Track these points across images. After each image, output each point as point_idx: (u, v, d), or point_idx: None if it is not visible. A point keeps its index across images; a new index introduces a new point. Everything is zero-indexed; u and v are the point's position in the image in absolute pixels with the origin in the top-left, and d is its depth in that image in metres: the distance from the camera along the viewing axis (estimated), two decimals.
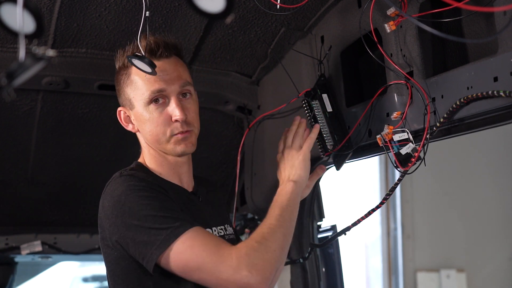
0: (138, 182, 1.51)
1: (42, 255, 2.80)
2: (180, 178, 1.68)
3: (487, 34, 1.51)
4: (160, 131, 1.59)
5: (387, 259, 5.02)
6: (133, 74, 1.60)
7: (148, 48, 1.56)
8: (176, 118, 1.57)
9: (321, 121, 1.90)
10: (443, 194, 4.97)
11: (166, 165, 1.65)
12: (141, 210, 1.45)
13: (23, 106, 2.32)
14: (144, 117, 1.59)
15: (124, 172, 1.57)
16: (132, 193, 1.48)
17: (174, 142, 1.60)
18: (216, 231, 1.66)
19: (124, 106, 1.66)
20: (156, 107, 1.58)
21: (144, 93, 1.58)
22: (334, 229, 2.26)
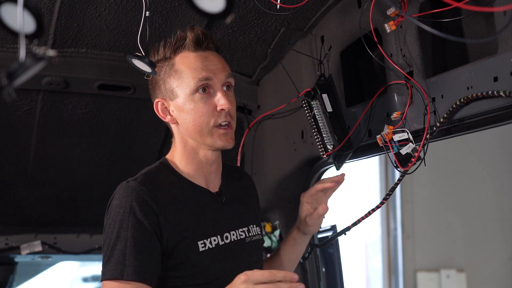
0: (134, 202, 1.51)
1: (42, 255, 2.79)
2: (206, 178, 1.68)
3: (487, 34, 1.51)
4: (204, 121, 1.59)
5: (387, 259, 5.02)
6: (178, 64, 1.61)
7: (195, 38, 1.60)
8: (223, 107, 1.59)
9: (321, 121, 1.90)
10: (443, 194, 4.97)
11: (195, 163, 1.65)
12: (112, 233, 1.51)
13: (23, 106, 2.32)
14: (188, 107, 1.60)
15: (132, 183, 1.56)
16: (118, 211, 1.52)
17: (215, 135, 1.61)
18: (235, 235, 1.66)
19: (162, 98, 1.65)
20: (201, 96, 1.59)
21: (190, 82, 1.59)
22: (334, 229, 2.26)
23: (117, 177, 2.74)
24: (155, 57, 1.66)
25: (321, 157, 1.95)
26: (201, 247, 1.57)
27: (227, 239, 1.64)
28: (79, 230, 2.84)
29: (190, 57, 1.61)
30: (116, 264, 1.48)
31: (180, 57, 1.61)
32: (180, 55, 1.62)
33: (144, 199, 1.52)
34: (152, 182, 1.58)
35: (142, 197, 1.52)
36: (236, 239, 1.65)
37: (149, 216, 1.51)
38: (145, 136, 2.60)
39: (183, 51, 1.62)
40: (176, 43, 1.62)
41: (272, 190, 2.38)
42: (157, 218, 1.52)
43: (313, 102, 1.91)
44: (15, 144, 2.48)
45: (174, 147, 1.69)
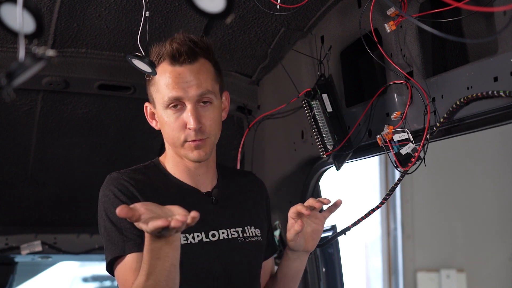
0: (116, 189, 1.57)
1: (42, 255, 2.79)
2: (196, 180, 1.68)
3: (487, 34, 1.51)
4: (175, 136, 1.61)
5: (387, 259, 5.02)
6: (157, 77, 1.60)
7: (170, 53, 1.57)
8: (189, 127, 1.59)
9: (321, 121, 1.90)
10: (443, 194, 4.97)
11: (182, 166, 1.67)
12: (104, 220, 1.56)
13: (23, 106, 2.32)
14: (163, 119, 1.63)
15: (114, 174, 1.62)
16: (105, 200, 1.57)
17: (187, 148, 1.62)
18: (225, 233, 1.64)
19: (150, 103, 1.69)
20: (173, 112, 1.60)
21: (163, 97, 1.60)
22: (334, 229, 2.26)
23: None
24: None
25: (321, 157, 1.95)
26: (182, 240, 1.56)
27: (214, 236, 1.62)
28: (79, 230, 2.83)
29: (167, 71, 1.59)
30: (115, 244, 1.52)
31: (161, 68, 1.60)
32: (161, 66, 1.60)
33: (125, 185, 1.58)
34: (135, 174, 1.63)
35: (123, 184, 1.58)
36: (226, 237, 1.63)
37: (130, 198, 1.55)
38: (145, 136, 2.60)
39: (163, 62, 1.61)
40: (158, 53, 1.61)
41: (272, 190, 2.38)
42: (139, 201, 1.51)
43: (313, 102, 1.91)
44: (15, 144, 2.48)
45: (166, 150, 1.72)
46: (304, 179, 2.25)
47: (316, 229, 1.70)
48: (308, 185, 2.27)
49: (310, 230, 1.69)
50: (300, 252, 1.73)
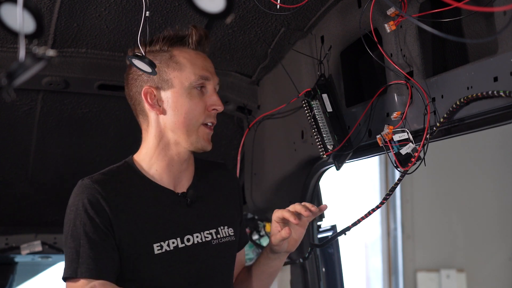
0: (86, 200, 1.52)
1: (42, 255, 2.79)
2: (175, 177, 1.65)
3: (487, 34, 1.51)
4: (195, 117, 1.60)
5: (387, 259, 5.02)
6: (179, 57, 1.61)
7: (199, 38, 1.63)
8: (216, 107, 1.62)
9: (321, 121, 1.90)
10: (443, 194, 4.97)
11: (165, 160, 1.63)
12: (67, 232, 1.54)
13: (23, 106, 2.32)
14: (183, 100, 1.60)
15: (86, 181, 1.56)
16: (73, 210, 1.54)
17: (201, 133, 1.62)
18: (199, 237, 1.62)
19: (153, 86, 1.62)
20: (198, 93, 1.61)
21: (190, 76, 1.60)
22: (334, 229, 2.26)
23: None
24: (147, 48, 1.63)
25: (321, 157, 1.95)
26: (156, 250, 1.54)
27: (189, 241, 1.60)
28: None
29: (190, 53, 1.63)
30: (70, 262, 1.49)
31: (180, 51, 1.62)
32: (179, 49, 1.62)
33: (96, 196, 1.52)
34: (107, 181, 1.57)
35: (94, 195, 1.52)
36: (200, 241, 1.62)
37: (100, 214, 1.51)
38: None
39: (182, 47, 1.63)
40: (176, 37, 1.63)
41: (272, 190, 2.38)
42: (108, 217, 1.51)
43: (313, 102, 1.91)
44: (15, 144, 2.48)
45: (146, 141, 1.66)
46: (304, 179, 2.25)
47: (300, 232, 1.71)
48: (308, 185, 2.27)
49: (294, 235, 1.69)
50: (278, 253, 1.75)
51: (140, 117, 1.68)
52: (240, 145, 2.42)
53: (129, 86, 1.66)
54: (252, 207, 2.50)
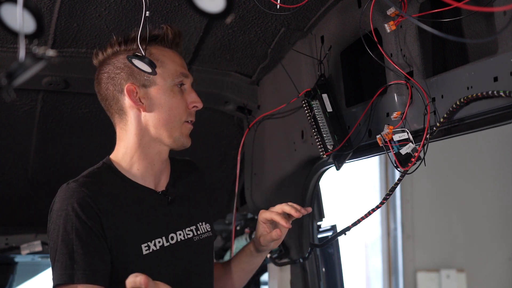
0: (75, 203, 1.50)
1: (42, 255, 2.79)
2: (155, 176, 1.65)
3: (487, 34, 1.51)
4: (178, 114, 1.62)
5: (387, 259, 5.02)
6: (158, 54, 1.62)
7: (174, 37, 1.65)
8: (196, 105, 1.65)
9: (321, 121, 1.90)
10: (443, 194, 4.97)
11: (147, 159, 1.63)
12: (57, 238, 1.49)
13: (23, 106, 2.32)
14: (166, 97, 1.61)
15: (72, 184, 1.55)
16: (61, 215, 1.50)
17: (183, 130, 1.63)
18: (182, 234, 1.64)
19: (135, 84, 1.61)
20: (179, 90, 1.63)
21: (172, 73, 1.62)
22: (334, 229, 2.26)
23: None
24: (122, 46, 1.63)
25: (321, 157, 1.95)
26: (144, 250, 1.55)
27: (173, 239, 1.61)
28: None
29: (168, 51, 1.65)
30: (64, 269, 1.46)
31: (157, 49, 1.63)
32: (156, 48, 1.63)
33: (86, 200, 1.50)
34: (93, 183, 1.56)
35: (83, 198, 1.50)
36: (183, 239, 1.63)
37: (91, 217, 1.49)
38: None
39: (158, 45, 1.64)
40: (153, 36, 1.62)
41: (272, 190, 2.38)
42: (99, 220, 1.50)
43: (313, 102, 1.91)
44: (15, 144, 2.48)
45: (124, 141, 1.65)
46: (304, 179, 2.25)
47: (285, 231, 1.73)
48: (308, 185, 2.27)
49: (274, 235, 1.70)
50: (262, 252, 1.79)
51: (116, 116, 1.66)
52: (240, 145, 2.42)
53: (103, 85, 1.65)
54: (252, 207, 2.50)
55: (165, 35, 1.64)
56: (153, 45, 1.63)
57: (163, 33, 1.64)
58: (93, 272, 1.47)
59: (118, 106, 1.64)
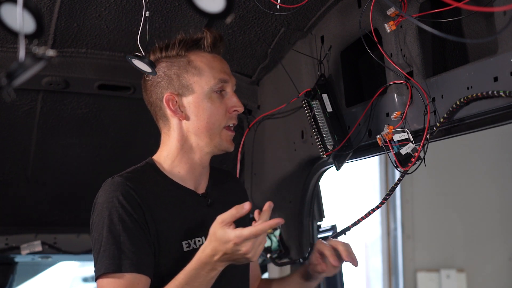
0: (121, 196, 1.51)
1: (42, 255, 2.79)
2: (196, 180, 1.68)
3: (487, 34, 1.51)
4: (217, 120, 1.63)
5: (387, 259, 5.02)
6: (196, 61, 1.63)
7: (213, 40, 1.64)
8: (237, 108, 1.65)
9: (321, 121, 1.90)
10: (443, 194, 4.97)
11: (188, 164, 1.66)
12: (103, 229, 1.50)
13: (23, 106, 2.32)
14: (204, 105, 1.62)
15: (117, 178, 1.56)
16: (107, 207, 1.52)
17: (223, 136, 1.64)
18: None
19: (174, 93, 1.63)
20: (218, 96, 1.63)
21: (210, 80, 1.62)
22: (334, 229, 2.26)
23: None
24: (163, 53, 1.64)
25: (321, 157, 1.95)
26: (185, 247, 1.57)
27: None
28: (79, 230, 2.83)
29: (207, 56, 1.64)
30: (112, 259, 1.47)
31: (196, 55, 1.63)
32: (195, 54, 1.63)
33: (130, 193, 1.52)
34: (137, 179, 1.58)
35: (128, 192, 1.52)
36: None
37: (136, 210, 1.51)
38: (145, 136, 2.60)
39: (198, 51, 1.64)
40: (191, 41, 1.64)
41: (272, 190, 2.38)
42: (143, 213, 1.52)
43: (313, 102, 1.91)
44: (15, 144, 2.48)
45: (167, 145, 1.67)
46: (304, 179, 2.25)
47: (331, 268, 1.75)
48: (308, 185, 2.26)
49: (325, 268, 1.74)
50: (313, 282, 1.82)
51: (161, 121, 1.69)
52: (240, 145, 2.42)
53: (149, 92, 1.68)
54: (252, 207, 2.50)
55: (204, 39, 1.64)
56: (193, 51, 1.64)
57: (202, 37, 1.64)
58: (140, 262, 1.48)
59: (161, 113, 1.67)
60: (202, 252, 1.43)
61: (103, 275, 1.47)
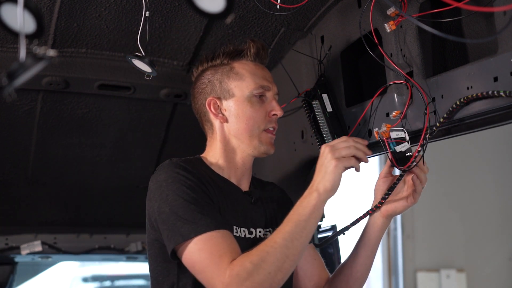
0: (183, 171, 1.57)
1: (42, 255, 2.80)
2: (238, 178, 1.74)
3: (487, 34, 1.51)
4: (256, 123, 1.70)
5: (387, 259, 5.02)
6: (238, 68, 1.71)
7: (257, 50, 1.73)
8: (276, 113, 1.72)
9: (321, 121, 1.90)
10: (443, 194, 4.97)
11: (231, 163, 1.72)
12: (175, 200, 1.52)
13: (23, 106, 2.32)
14: (244, 108, 1.69)
15: (174, 159, 1.63)
16: (172, 181, 1.55)
17: (263, 138, 1.71)
18: (262, 232, 1.70)
19: (216, 97, 1.71)
20: (257, 101, 1.71)
21: (250, 84, 1.69)
22: (334, 229, 2.26)
23: (117, 177, 2.76)
24: (209, 63, 1.73)
25: None
26: (234, 232, 1.61)
27: (252, 234, 1.67)
28: (79, 230, 2.84)
29: (249, 64, 1.73)
30: (195, 222, 1.47)
31: (239, 63, 1.72)
32: (238, 62, 1.72)
33: (190, 170, 1.58)
34: (191, 164, 1.63)
35: (187, 169, 1.58)
36: (262, 236, 1.68)
37: (200, 182, 1.57)
38: (145, 136, 2.60)
39: (241, 59, 1.72)
40: (235, 51, 1.73)
41: None
42: (205, 186, 1.58)
43: (313, 102, 1.91)
44: (15, 144, 2.48)
45: (212, 146, 1.74)
46: (304, 179, 2.25)
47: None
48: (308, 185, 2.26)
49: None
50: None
51: (206, 127, 1.76)
52: None
53: (195, 99, 1.77)
54: None
55: (247, 49, 1.72)
56: (237, 60, 1.72)
57: (246, 48, 1.73)
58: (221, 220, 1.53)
59: (206, 118, 1.75)
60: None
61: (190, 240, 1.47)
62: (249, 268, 1.41)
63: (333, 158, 1.50)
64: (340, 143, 1.52)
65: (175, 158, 1.64)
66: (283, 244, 1.44)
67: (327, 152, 1.51)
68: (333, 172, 1.50)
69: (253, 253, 1.44)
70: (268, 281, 1.41)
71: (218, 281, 1.42)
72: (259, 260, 1.42)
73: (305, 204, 1.50)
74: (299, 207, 1.50)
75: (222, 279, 1.41)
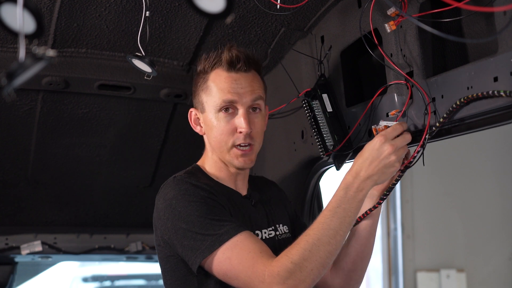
0: (190, 186, 1.57)
1: (42, 255, 2.80)
2: (235, 183, 1.74)
3: (487, 34, 1.51)
4: (223, 140, 1.66)
5: (387, 259, 5.02)
6: (210, 81, 1.67)
7: (229, 60, 1.65)
8: (241, 130, 1.64)
9: (321, 121, 1.90)
10: (443, 194, 4.97)
11: (224, 171, 1.72)
12: (190, 215, 1.52)
13: (23, 106, 2.32)
14: (212, 123, 1.66)
15: (178, 176, 1.62)
16: (182, 197, 1.55)
17: (233, 155, 1.67)
18: (266, 233, 1.70)
19: (196, 108, 1.73)
20: (225, 116, 1.65)
21: (216, 100, 1.65)
22: None
23: (117, 177, 2.76)
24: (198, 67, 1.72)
25: (321, 157, 1.95)
26: None
27: (258, 236, 1.67)
28: (79, 230, 2.84)
29: (222, 76, 1.66)
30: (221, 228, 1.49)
31: (214, 73, 1.67)
32: (214, 72, 1.67)
33: (197, 184, 1.58)
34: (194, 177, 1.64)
35: (193, 183, 1.58)
36: (267, 237, 1.69)
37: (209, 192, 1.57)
38: (145, 136, 2.60)
39: (218, 68, 1.67)
40: (214, 59, 1.67)
41: None
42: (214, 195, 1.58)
43: (313, 102, 1.91)
44: (15, 144, 2.48)
45: (206, 155, 1.75)
46: (304, 179, 2.25)
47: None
48: (308, 185, 2.27)
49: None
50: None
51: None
52: None
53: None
54: None
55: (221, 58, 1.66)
56: (215, 68, 1.67)
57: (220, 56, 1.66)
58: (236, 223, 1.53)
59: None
60: (347, 174, 1.51)
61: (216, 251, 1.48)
62: (291, 267, 1.41)
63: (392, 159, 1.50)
64: (394, 132, 1.53)
65: (178, 175, 1.64)
66: (326, 241, 1.45)
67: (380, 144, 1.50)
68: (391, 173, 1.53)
69: (293, 253, 1.44)
70: (311, 278, 1.42)
71: (258, 282, 1.42)
72: (301, 259, 1.42)
73: (351, 199, 1.49)
74: (340, 190, 1.50)
75: (262, 279, 1.42)
